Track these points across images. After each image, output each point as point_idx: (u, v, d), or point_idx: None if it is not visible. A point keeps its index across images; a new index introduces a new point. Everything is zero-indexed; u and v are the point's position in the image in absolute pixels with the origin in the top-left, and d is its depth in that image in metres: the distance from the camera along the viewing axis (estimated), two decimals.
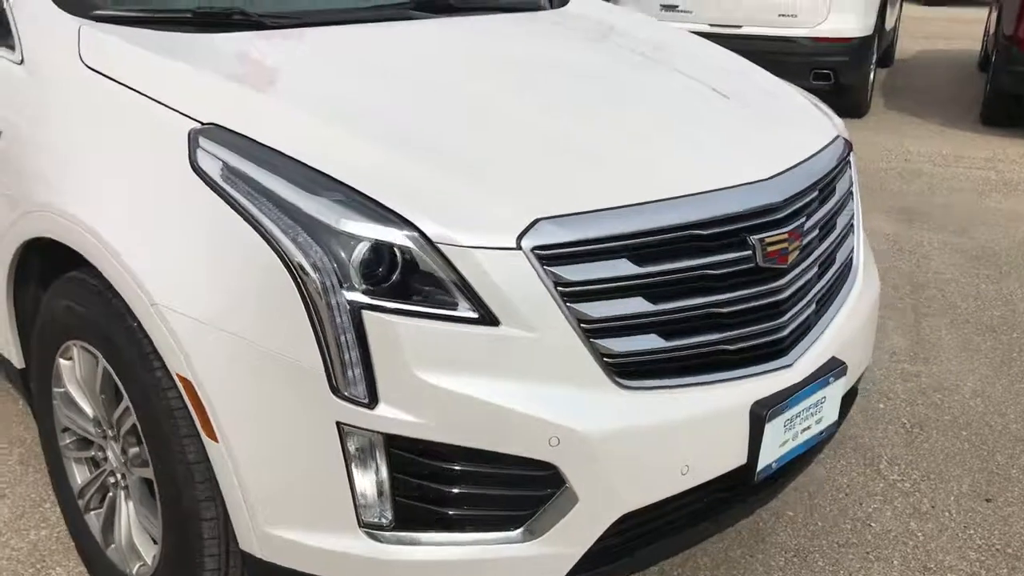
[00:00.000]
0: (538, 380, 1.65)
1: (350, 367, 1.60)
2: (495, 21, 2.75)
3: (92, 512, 2.23)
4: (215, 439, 1.69)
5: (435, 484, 1.65)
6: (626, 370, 1.72)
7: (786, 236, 1.90)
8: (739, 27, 7.01)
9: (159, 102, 1.86)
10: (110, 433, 2.09)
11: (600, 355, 1.70)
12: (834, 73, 7.08)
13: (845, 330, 2.12)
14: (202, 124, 1.78)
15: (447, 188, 1.70)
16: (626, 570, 1.85)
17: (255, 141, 1.74)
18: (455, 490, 1.66)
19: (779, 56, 7.00)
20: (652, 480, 1.76)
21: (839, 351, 2.06)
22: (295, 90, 1.99)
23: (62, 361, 2.12)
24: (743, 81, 2.62)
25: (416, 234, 1.60)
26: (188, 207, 1.73)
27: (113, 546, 2.16)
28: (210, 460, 1.73)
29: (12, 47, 2.15)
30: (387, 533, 1.67)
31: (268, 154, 1.71)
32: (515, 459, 1.65)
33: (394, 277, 1.61)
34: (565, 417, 1.64)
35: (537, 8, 2.98)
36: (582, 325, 1.68)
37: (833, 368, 2.01)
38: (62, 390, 2.17)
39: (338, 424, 1.61)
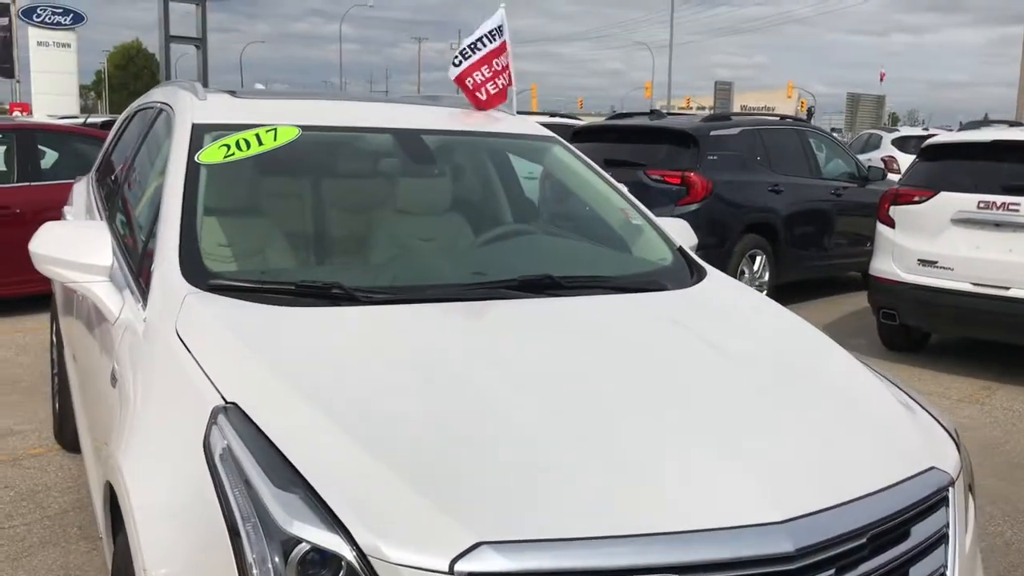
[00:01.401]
0: None
1: None
2: (598, 304, 2.67)
3: None
4: None
5: None
6: None
7: None
8: (1006, 288, 6.41)
9: (206, 374, 2.03)
10: None
11: None
12: None
13: None
14: (226, 402, 1.92)
15: (400, 497, 1.67)
16: None
17: (257, 427, 1.84)
18: None
19: None
20: None
21: None
22: (322, 374, 2.06)
23: None
24: (837, 398, 2.31)
25: (349, 543, 1.59)
26: (193, 481, 1.83)
27: None
28: None
29: (144, 306, 2.47)
30: None
31: (262, 443, 1.80)
32: None
33: None
34: None
35: (660, 288, 2.85)
36: None
37: None
38: None
39: None
